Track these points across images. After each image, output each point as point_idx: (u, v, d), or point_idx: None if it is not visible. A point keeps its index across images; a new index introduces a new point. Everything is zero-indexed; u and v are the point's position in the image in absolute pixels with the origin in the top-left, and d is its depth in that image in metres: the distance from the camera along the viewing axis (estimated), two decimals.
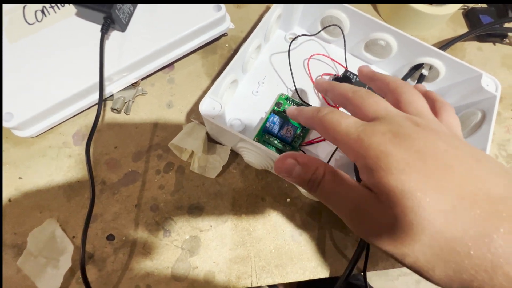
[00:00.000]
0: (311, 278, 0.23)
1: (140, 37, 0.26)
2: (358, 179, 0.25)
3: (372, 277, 0.83)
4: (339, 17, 0.28)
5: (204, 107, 0.22)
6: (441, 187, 0.11)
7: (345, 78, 0.28)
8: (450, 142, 0.12)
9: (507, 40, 0.36)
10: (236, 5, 0.34)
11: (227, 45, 0.32)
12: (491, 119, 0.25)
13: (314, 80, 0.30)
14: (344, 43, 0.29)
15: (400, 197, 0.11)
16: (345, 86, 0.17)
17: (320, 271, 0.24)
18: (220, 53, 0.31)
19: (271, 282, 0.23)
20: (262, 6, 0.34)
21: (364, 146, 0.12)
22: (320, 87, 0.20)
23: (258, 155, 0.22)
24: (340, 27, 0.29)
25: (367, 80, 0.19)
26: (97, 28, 0.25)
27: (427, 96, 0.17)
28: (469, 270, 0.10)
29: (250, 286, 0.23)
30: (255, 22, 0.33)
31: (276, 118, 0.26)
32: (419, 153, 0.12)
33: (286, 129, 0.25)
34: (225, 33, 0.32)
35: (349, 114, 0.15)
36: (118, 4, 0.23)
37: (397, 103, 0.15)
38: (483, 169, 0.11)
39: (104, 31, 0.24)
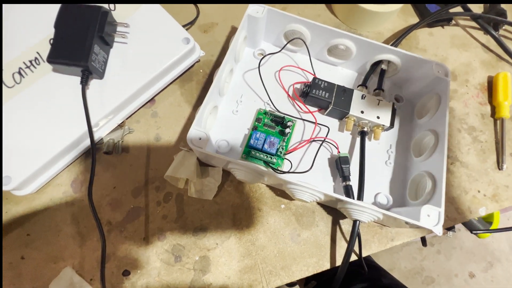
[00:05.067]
0: (315, 272, 0.26)
1: (118, 81, 0.28)
2: (343, 178, 0.27)
3: (378, 253, 0.88)
4: (300, 30, 0.31)
5: (191, 139, 0.24)
6: None
7: (315, 85, 0.30)
8: None
9: (453, 22, 0.39)
10: (202, 31, 0.36)
11: (201, 70, 0.33)
12: (446, 100, 0.28)
13: (287, 89, 0.32)
14: (309, 52, 0.32)
15: None
16: None
17: (321, 265, 0.26)
18: (196, 79, 0.33)
19: (279, 283, 0.25)
20: (227, 28, 0.36)
21: None
22: None
23: (248, 173, 0.24)
24: (302, 39, 0.31)
25: None
26: (76, 79, 0.26)
27: None
28: None
29: None
30: (223, 45, 0.35)
31: (259, 134, 0.28)
32: None
33: (270, 143, 0.27)
34: (198, 59, 0.33)
35: None
36: (92, 55, 0.25)
37: None
38: None
39: (84, 83, 0.25)
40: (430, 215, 0.23)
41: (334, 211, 0.28)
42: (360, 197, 0.26)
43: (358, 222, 0.24)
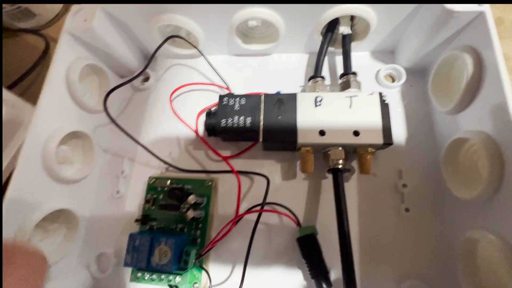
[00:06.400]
0: None
1: None
2: (312, 274, 0.14)
3: None
4: (174, 22, 0.17)
5: None
6: None
7: (222, 109, 0.16)
8: None
9: None
10: None
11: None
12: (492, 53, 0.12)
13: (194, 127, 0.19)
14: (202, 54, 0.18)
15: None
16: None
17: None
18: None
19: None
20: None
21: None
22: None
23: None
24: (180, 36, 0.17)
25: None
26: None
27: None
28: None
29: None
30: None
31: (138, 240, 0.15)
32: None
33: (160, 251, 0.14)
34: None
35: None
36: None
37: None
38: None
39: None
40: None
41: None
42: None
43: None
